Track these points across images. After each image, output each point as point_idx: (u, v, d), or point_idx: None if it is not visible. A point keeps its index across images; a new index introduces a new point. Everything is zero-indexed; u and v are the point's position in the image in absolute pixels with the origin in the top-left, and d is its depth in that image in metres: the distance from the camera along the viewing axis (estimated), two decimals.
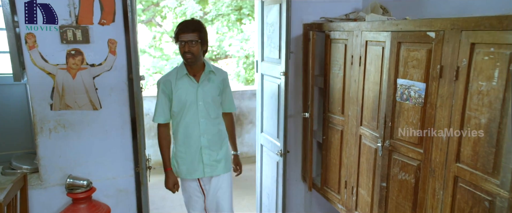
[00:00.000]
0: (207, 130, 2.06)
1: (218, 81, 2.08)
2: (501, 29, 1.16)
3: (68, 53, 2.04)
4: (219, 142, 2.12)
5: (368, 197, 1.90)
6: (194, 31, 1.93)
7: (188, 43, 1.92)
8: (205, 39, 2.01)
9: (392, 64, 1.64)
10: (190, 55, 1.94)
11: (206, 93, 2.03)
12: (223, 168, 2.14)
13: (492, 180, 1.23)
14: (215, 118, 2.08)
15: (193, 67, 2.01)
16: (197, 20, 2.02)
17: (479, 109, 1.26)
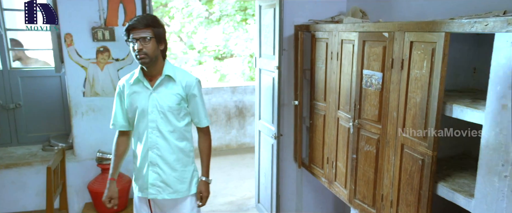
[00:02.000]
0: (158, 144, 1.78)
1: (178, 88, 1.78)
2: (427, 31, 1.56)
3: (98, 50, 2.48)
4: (176, 161, 1.82)
5: (344, 168, 2.31)
6: (147, 27, 1.67)
7: (140, 40, 1.66)
8: (162, 36, 1.75)
9: (359, 58, 2.05)
10: (143, 55, 1.67)
11: (161, 101, 1.76)
12: (173, 193, 1.83)
13: (423, 144, 1.64)
14: (172, 131, 1.78)
15: (150, 69, 1.75)
16: (151, 15, 1.81)
17: (415, 91, 1.67)
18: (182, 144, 1.85)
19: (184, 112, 1.82)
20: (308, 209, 3.15)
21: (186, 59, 8.77)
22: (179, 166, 1.84)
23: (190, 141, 1.91)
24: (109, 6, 2.45)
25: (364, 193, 2.11)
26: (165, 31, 1.77)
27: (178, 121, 1.80)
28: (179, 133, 1.82)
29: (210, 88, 5.16)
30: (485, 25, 1.32)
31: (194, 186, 1.90)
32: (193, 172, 1.91)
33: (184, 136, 1.86)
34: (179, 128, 1.81)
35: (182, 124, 1.83)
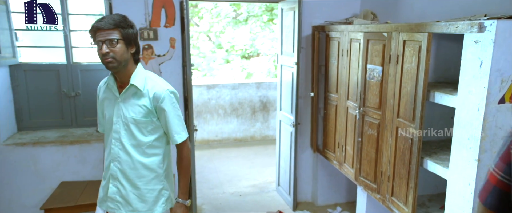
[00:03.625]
0: (120, 157, 1.64)
1: (145, 100, 1.60)
2: (416, 31, 1.90)
3: (143, 47, 2.95)
4: (137, 178, 1.65)
5: (351, 151, 2.66)
6: (114, 27, 1.51)
7: (106, 43, 1.49)
8: (131, 38, 1.57)
9: (364, 54, 2.39)
10: (110, 59, 1.51)
11: (126, 112, 1.61)
12: (132, 211, 1.67)
13: (412, 125, 1.97)
14: (135, 145, 1.62)
15: (119, 75, 1.60)
16: (119, 14, 1.58)
17: (407, 82, 2.00)
18: (148, 160, 1.64)
19: (153, 126, 1.63)
20: (323, 191, 3.50)
21: (214, 58, 9.24)
22: (142, 184, 1.65)
23: (160, 157, 1.68)
24: (153, 11, 2.91)
25: (367, 171, 2.45)
26: (136, 33, 1.60)
27: (144, 135, 1.62)
28: (145, 148, 1.63)
29: (236, 83, 5.59)
30: (456, 27, 1.64)
31: (159, 207, 1.69)
32: (161, 191, 1.69)
33: (152, 152, 1.65)
34: (145, 142, 1.62)
35: (149, 139, 1.63)
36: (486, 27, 1.52)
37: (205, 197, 3.71)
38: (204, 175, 4.25)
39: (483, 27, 1.53)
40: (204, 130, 5.40)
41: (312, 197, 3.57)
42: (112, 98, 1.64)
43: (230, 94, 5.49)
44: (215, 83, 5.56)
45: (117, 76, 1.61)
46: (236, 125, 5.56)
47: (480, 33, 1.54)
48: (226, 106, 5.50)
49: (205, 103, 5.39)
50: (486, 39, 1.52)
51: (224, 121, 5.51)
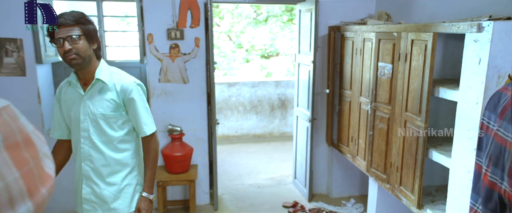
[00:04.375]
0: (91, 156, 1.63)
1: (113, 94, 1.60)
2: (423, 31, 2.05)
3: (171, 46, 3.20)
4: (111, 175, 1.64)
5: (363, 144, 2.82)
6: (75, 24, 1.49)
7: (67, 39, 1.47)
8: (93, 34, 1.56)
9: (376, 53, 2.55)
10: (74, 55, 1.49)
11: (93, 108, 1.59)
12: (110, 210, 1.66)
13: (418, 118, 2.12)
14: (106, 142, 1.61)
15: (83, 72, 1.58)
16: (78, 11, 1.56)
17: (414, 78, 2.15)
18: (120, 155, 1.64)
19: (123, 120, 1.64)
20: (337, 184, 3.66)
21: (234, 57, 9.47)
22: (117, 179, 1.65)
23: (132, 152, 1.69)
24: (180, 12, 3.15)
25: (378, 162, 2.61)
26: (96, 29, 1.60)
27: (114, 130, 1.62)
28: (116, 143, 1.63)
29: (256, 81, 5.80)
30: (458, 28, 1.79)
31: (135, 203, 1.70)
32: (136, 187, 1.70)
33: (124, 147, 1.65)
34: (115, 137, 1.62)
35: (120, 133, 1.63)
36: (484, 28, 1.66)
37: (225, 188, 3.93)
38: (224, 167, 4.48)
39: (482, 28, 1.67)
40: (225, 126, 5.64)
41: (327, 190, 3.74)
42: (77, 97, 1.62)
43: (250, 92, 5.71)
44: (235, 81, 5.80)
45: (81, 73, 1.59)
46: (255, 121, 5.78)
47: (479, 33, 1.69)
48: (246, 103, 5.72)
49: (226, 100, 5.63)
50: (484, 38, 1.67)
51: (243, 118, 5.73)
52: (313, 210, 3.34)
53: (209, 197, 3.57)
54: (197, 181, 3.39)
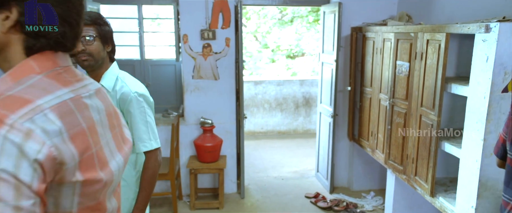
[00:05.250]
0: None
1: (113, 102, 1.45)
2: (437, 32, 2.21)
3: (203, 46, 3.48)
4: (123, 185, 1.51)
5: (382, 138, 2.99)
6: (91, 23, 1.44)
7: (81, 40, 1.43)
8: (108, 36, 1.50)
9: (394, 52, 2.72)
10: (86, 56, 1.44)
11: None
12: None
13: (432, 113, 2.28)
14: None
15: (94, 75, 1.51)
16: (94, 12, 1.55)
17: (429, 75, 2.32)
18: (134, 169, 1.56)
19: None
20: (358, 177, 3.84)
21: (260, 57, 9.71)
22: (127, 192, 1.55)
23: (131, 165, 1.56)
24: (212, 15, 3.43)
25: (395, 155, 2.78)
26: (112, 31, 1.52)
27: None
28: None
29: (281, 80, 6.03)
30: (468, 28, 1.96)
31: None
32: (132, 201, 1.56)
33: (133, 158, 1.56)
34: None
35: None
36: (491, 28, 1.82)
37: (251, 179, 4.18)
38: (250, 161, 4.73)
39: (489, 28, 1.83)
40: (251, 122, 5.89)
41: (348, 183, 3.92)
42: None
43: (275, 90, 5.94)
44: (261, 80, 6.04)
45: (91, 75, 1.48)
46: (280, 118, 6.00)
47: (487, 33, 1.85)
48: (271, 101, 5.95)
49: (252, 98, 5.89)
50: (491, 38, 1.83)
51: (269, 115, 5.97)
52: (334, 201, 3.53)
53: (236, 186, 3.83)
54: (226, 170, 3.66)
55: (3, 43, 0.72)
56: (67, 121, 0.69)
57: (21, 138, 0.62)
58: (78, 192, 0.72)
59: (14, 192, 0.61)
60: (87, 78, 0.84)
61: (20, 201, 0.61)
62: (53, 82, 0.72)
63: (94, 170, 0.74)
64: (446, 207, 2.24)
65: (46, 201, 0.67)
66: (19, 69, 0.72)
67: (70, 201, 0.72)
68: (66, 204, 0.72)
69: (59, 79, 0.74)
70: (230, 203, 3.62)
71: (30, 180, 0.62)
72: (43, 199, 0.65)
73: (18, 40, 0.72)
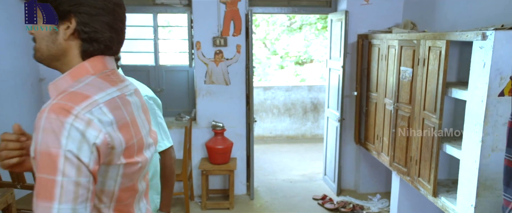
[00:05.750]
0: None
1: None
2: (438, 39, 2.33)
3: (215, 52, 3.64)
4: None
5: (387, 141, 3.10)
6: None
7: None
8: None
9: (398, 58, 2.84)
10: None
11: None
12: None
13: (434, 116, 2.39)
14: None
15: None
16: None
17: (430, 80, 2.43)
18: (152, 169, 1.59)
19: None
20: (364, 180, 3.93)
21: (269, 64, 9.85)
22: None
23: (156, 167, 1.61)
24: (224, 23, 3.60)
25: (400, 157, 2.88)
26: None
27: None
28: None
29: (290, 86, 6.17)
30: (466, 36, 2.07)
31: None
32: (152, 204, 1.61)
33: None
34: None
35: None
36: (487, 36, 1.94)
37: (260, 181, 4.31)
38: (259, 164, 4.85)
39: (486, 36, 1.95)
40: (260, 127, 6.03)
41: (355, 185, 4.01)
42: None
43: (284, 95, 6.07)
44: (270, 85, 6.19)
45: None
46: (289, 123, 6.12)
47: (483, 40, 1.97)
48: (280, 106, 6.08)
49: (261, 103, 6.03)
50: (487, 45, 1.94)
51: (277, 120, 6.10)
52: (340, 203, 3.63)
53: (246, 188, 3.96)
54: (236, 172, 3.79)
55: (64, 48, 0.88)
56: (116, 114, 0.84)
57: (84, 126, 0.77)
58: (121, 174, 0.87)
59: (76, 170, 0.76)
60: (127, 80, 1.00)
61: (79, 178, 0.76)
62: (104, 82, 0.88)
63: (134, 155, 0.89)
64: (447, 206, 2.34)
65: (97, 179, 0.82)
66: (77, 70, 0.87)
67: (113, 181, 0.87)
68: (110, 184, 0.87)
69: (108, 79, 0.89)
70: (240, 204, 3.74)
71: (88, 161, 0.77)
72: (95, 178, 0.80)
73: (76, 45, 0.88)
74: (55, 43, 0.87)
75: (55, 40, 0.87)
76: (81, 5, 0.85)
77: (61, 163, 0.75)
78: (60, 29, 0.87)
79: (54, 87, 0.88)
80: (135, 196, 0.97)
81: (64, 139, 0.75)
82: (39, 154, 0.76)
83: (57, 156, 0.75)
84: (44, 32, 0.87)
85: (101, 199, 0.87)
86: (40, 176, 0.76)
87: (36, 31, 0.88)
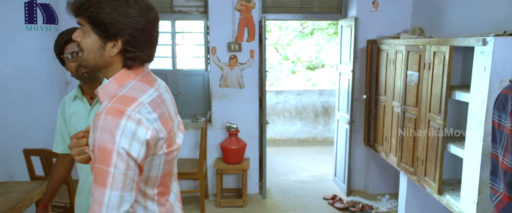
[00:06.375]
0: None
1: None
2: (442, 45, 2.46)
3: (230, 57, 3.83)
4: None
5: (395, 142, 3.22)
6: None
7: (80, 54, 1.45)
8: None
9: (405, 63, 2.97)
10: (86, 68, 1.53)
11: None
12: None
13: (439, 118, 2.52)
14: None
15: (91, 86, 1.63)
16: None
17: (435, 83, 2.56)
18: None
19: None
20: (374, 181, 4.04)
21: (281, 69, 10.00)
22: None
23: None
24: (239, 29, 3.78)
25: (407, 157, 3.00)
26: None
27: None
28: None
29: (301, 90, 6.31)
30: (468, 42, 2.20)
31: None
32: None
33: None
34: None
35: None
36: (487, 42, 2.07)
37: (272, 182, 4.45)
38: (271, 166, 5.00)
39: (486, 42, 2.08)
40: (272, 130, 6.18)
41: (364, 186, 4.13)
42: (84, 111, 1.64)
43: (295, 99, 6.22)
44: (282, 89, 6.34)
45: (88, 87, 1.64)
46: (300, 127, 6.26)
47: (484, 46, 2.09)
48: (292, 110, 6.23)
49: (273, 106, 6.19)
50: (487, 50, 2.07)
51: (289, 123, 6.24)
52: (350, 202, 3.75)
53: (258, 187, 4.11)
54: (249, 171, 3.95)
55: (109, 62, 1.05)
56: (158, 111, 1.02)
57: (135, 125, 0.94)
58: (163, 161, 1.05)
59: (125, 164, 0.93)
60: (158, 79, 1.17)
61: (128, 171, 0.93)
62: (145, 85, 1.05)
63: (172, 144, 1.06)
64: (452, 203, 2.45)
65: (143, 169, 0.99)
66: (120, 76, 1.05)
67: (157, 168, 1.04)
68: (154, 171, 1.04)
69: (147, 81, 1.07)
70: (252, 202, 3.90)
71: (137, 155, 0.94)
72: (141, 169, 0.97)
73: (120, 60, 1.05)
74: (102, 57, 1.03)
75: (102, 54, 1.03)
76: (126, 29, 1.00)
77: (114, 157, 0.92)
78: (107, 47, 1.02)
79: (103, 92, 1.05)
80: (171, 179, 1.14)
81: (118, 137, 0.92)
82: (97, 149, 0.93)
83: (112, 152, 0.92)
84: (93, 47, 1.02)
85: (147, 183, 1.04)
86: (97, 166, 0.94)
87: (86, 44, 1.03)
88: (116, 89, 1.02)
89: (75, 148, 1.08)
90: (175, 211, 1.20)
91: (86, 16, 0.99)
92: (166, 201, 1.14)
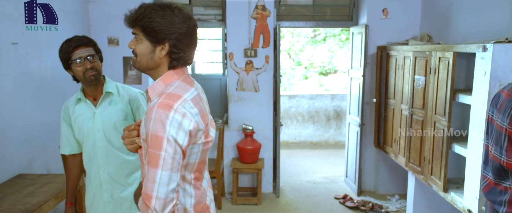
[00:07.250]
0: (109, 162, 1.77)
1: (122, 103, 1.79)
2: (446, 51, 2.63)
3: (246, 62, 4.05)
4: (129, 175, 1.81)
5: (403, 143, 3.37)
6: (91, 45, 1.74)
7: (88, 58, 1.69)
8: (101, 54, 1.80)
9: (413, 68, 3.14)
10: (95, 72, 1.70)
11: (106, 119, 1.76)
12: (129, 208, 1.79)
13: (443, 119, 2.68)
14: (122, 147, 1.68)
15: (94, 88, 1.77)
16: (84, 36, 1.77)
17: (441, 87, 2.72)
18: (135, 156, 1.80)
19: None
20: (384, 182, 4.19)
21: (294, 74, 10.17)
22: (134, 179, 1.82)
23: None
24: (254, 36, 4.01)
25: (414, 158, 3.16)
26: (100, 50, 1.82)
27: None
28: None
29: (314, 94, 6.49)
30: (470, 48, 2.37)
31: None
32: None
33: None
34: None
35: None
36: (487, 48, 2.23)
37: (285, 182, 4.63)
38: (284, 167, 5.18)
39: (486, 48, 2.24)
40: (285, 133, 6.37)
41: (374, 187, 4.28)
42: (89, 112, 1.76)
43: (308, 104, 6.40)
44: (295, 94, 6.54)
45: (91, 90, 1.77)
46: (312, 130, 6.43)
47: (484, 52, 2.26)
48: (304, 114, 6.41)
49: (286, 110, 6.38)
50: (487, 56, 2.24)
51: (301, 126, 6.42)
52: (360, 202, 3.91)
53: (272, 187, 4.30)
54: (263, 171, 4.15)
55: (158, 63, 1.25)
56: (198, 107, 1.23)
57: (181, 117, 1.15)
58: (200, 150, 1.26)
59: (173, 149, 1.14)
60: (195, 81, 1.38)
61: (175, 155, 1.15)
62: (186, 85, 1.26)
63: (208, 136, 1.28)
64: (456, 200, 2.60)
65: (186, 155, 1.19)
66: (166, 76, 1.26)
67: (195, 156, 1.26)
68: (193, 158, 1.25)
69: (188, 82, 1.29)
70: (266, 201, 4.09)
71: (182, 143, 1.15)
72: (185, 154, 1.18)
73: (166, 61, 1.26)
74: (152, 59, 1.25)
75: (152, 57, 1.24)
76: (172, 34, 1.21)
77: (164, 143, 1.12)
78: (156, 50, 1.23)
79: (152, 90, 1.26)
80: (204, 166, 1.36)
81: (168, 127, 1.13)
82: (150, 137, 1.14)
83: (163, 138, 1.12)
84: (145, 51, 1.24)
85: (186, 168, 1.26)
86: (150, 151, 1.14)
87: (140, 50, 1.24)
88: (163, 88, 1.23)
89: (127, 138, 1.30)
90: (207, 196, 1.40)
91: (140, 26, 1.21)
92: (200, 186, 1.35)
